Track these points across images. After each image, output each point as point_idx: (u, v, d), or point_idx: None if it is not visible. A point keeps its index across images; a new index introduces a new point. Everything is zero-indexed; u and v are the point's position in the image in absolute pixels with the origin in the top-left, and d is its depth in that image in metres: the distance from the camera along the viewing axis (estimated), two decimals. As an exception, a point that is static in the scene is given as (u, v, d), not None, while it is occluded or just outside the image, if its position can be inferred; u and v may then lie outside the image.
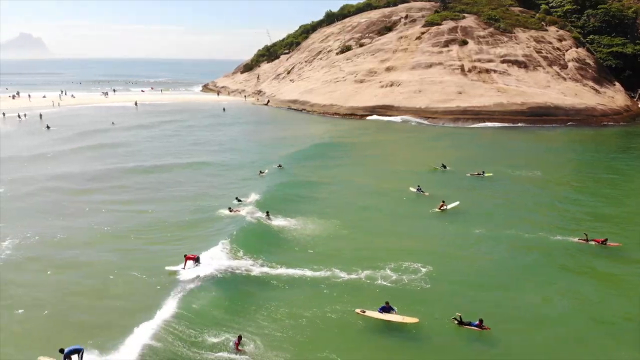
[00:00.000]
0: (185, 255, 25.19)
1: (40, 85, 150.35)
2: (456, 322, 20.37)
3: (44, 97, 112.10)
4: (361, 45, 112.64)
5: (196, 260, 25.04)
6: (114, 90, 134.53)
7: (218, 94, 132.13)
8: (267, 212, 33.08)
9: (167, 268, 25.10)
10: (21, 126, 74.47)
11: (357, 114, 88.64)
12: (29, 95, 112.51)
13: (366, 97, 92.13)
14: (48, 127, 69.96)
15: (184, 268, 24.76)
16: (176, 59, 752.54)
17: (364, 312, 20.82)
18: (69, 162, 51.14)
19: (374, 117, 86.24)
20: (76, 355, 18.24)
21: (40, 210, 35.31)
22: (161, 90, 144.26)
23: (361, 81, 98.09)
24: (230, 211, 34.28)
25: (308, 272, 24.74)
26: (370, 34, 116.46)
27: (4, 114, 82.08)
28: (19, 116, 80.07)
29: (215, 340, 19.15)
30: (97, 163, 50.71)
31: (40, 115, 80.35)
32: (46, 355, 18.85)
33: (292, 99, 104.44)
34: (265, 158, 53.32)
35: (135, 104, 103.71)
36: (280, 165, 48.32)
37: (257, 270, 25.00)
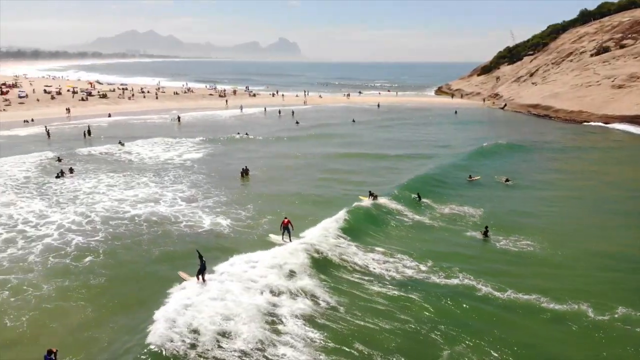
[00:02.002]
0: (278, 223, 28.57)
1: (292, 86, 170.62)
2: None
3: (297, 96, 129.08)
4: (622, 46, 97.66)
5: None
6: (360, 92, 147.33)
7: (452, 97, 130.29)
8: (486, 227, 29.66)
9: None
10: (279, 120, 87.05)
11: (611, 124, 77.55)
12: (282, 95, 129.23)
13: (626, 104, 79.71)
14: (297, 123, 79.38)
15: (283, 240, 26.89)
16: (414, 62, 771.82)
17: None
18: (308, 146, 59.67)
19: (633, 128, 74.18)
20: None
21: (274, 178, 43.59)
22: (396, 92, 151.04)
23: (620, 87, 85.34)
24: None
25: (545, 304, 21.51)
26: (634, 34, 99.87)
27: (265, 108, 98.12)
28: (279, 112, 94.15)
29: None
30: (326, 148, 58.34)
31: (293, 112, 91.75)
32: (185, 272, 22.28)
33: (532, 103, 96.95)
34: (484, 163, 50.87)
35: (378, 105, 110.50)
36: (508, 180, 42.16)
37: (483, 289, 22.89)
